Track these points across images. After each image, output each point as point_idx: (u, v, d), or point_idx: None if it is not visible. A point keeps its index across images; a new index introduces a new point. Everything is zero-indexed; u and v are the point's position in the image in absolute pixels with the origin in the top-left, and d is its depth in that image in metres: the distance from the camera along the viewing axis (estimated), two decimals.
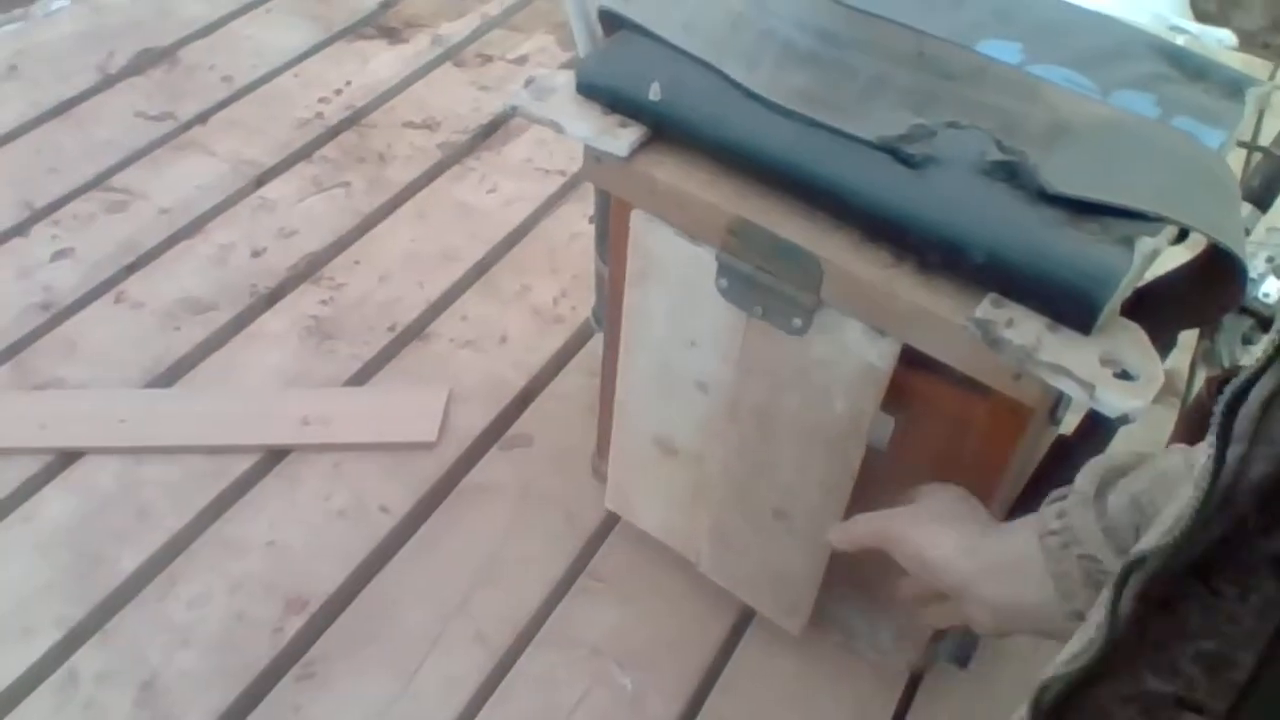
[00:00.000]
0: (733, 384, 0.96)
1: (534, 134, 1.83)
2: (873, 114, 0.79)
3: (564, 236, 1.66)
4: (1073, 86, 0.86)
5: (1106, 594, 0.42)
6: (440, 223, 1.67)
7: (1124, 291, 0.74)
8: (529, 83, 0.91)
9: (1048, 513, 0.72)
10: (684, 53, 0.85)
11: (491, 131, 1.84)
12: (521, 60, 2.00)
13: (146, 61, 1.91)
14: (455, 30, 2.07)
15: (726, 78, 0.83)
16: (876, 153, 0.78)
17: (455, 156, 1.79)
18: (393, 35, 2.06)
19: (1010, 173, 0.77)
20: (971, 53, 0.84)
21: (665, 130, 0.86)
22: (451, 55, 2.02)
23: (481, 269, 1.60)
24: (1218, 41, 2.47)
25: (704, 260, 0.88)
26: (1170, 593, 0.41)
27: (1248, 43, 3.48)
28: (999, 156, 0.77)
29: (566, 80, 0.90)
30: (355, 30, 2.04)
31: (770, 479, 1.01)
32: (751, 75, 0.82)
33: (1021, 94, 0.81)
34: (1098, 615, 0.43)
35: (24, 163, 1.70)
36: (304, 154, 1.76)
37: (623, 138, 0.86)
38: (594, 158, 0.89)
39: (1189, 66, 0.91)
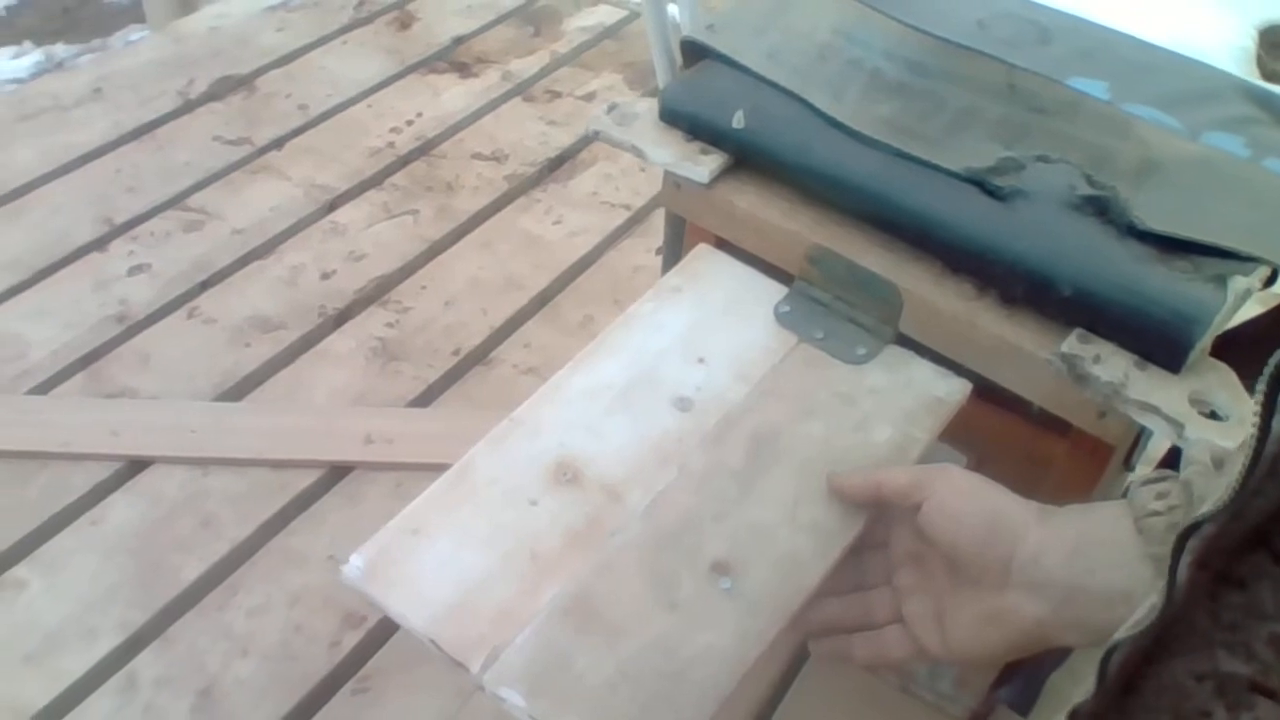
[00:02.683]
0: (737, 404, 0.79)
1: (599, 168, 1.85)
2: (961, 146, 0.79)
3: (627, 269, 1.67)
4: (1159, 123, 0.85)
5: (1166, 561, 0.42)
6: (505, 252, 1.69)
7: (1215, 330, 0.73)
8: (611, 108, 0.92)
9: (1142, 494, 0.61)
10: (768, 81, 0.86)
11: (558, 165, 1.87)
12: (589, 96, 2.03)
13: (225, 88, 1.97)
14: (525, 66, 2.10)
15: (811, 106, 0.83)
16: (963, 184, 0.78)
17: (522, 188, 1.81)
18: (464, 70, 2.11)
19: (1100, 208, 0.77)
20: (1063, 87, 0.84)
21: (747, 158, 0.87)
22: (521, 90, 2.05)
23: (545, 298, 1.62)
24: None
25: (768, 287, 0.86)
26: (1235, 566, 0.40)
27: None
28: (1089, 191, 0.77)
29: (648, 107, 0.92)
30: (428, 64, 2.08)
31: (735, 519, 0.71)
32: (837, 104, 0.82)
33: (1112, 130, 0.81)
34: (1160, 581, 0.42)
35: (105, 181, 1.75)
36: (375, 181, 1.79)
37: (704, 164, 0.87)
38: (673, 184, 0.90)
39: (1278, 110, 0.90)
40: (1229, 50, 3.68)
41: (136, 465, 1.32)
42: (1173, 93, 0.90)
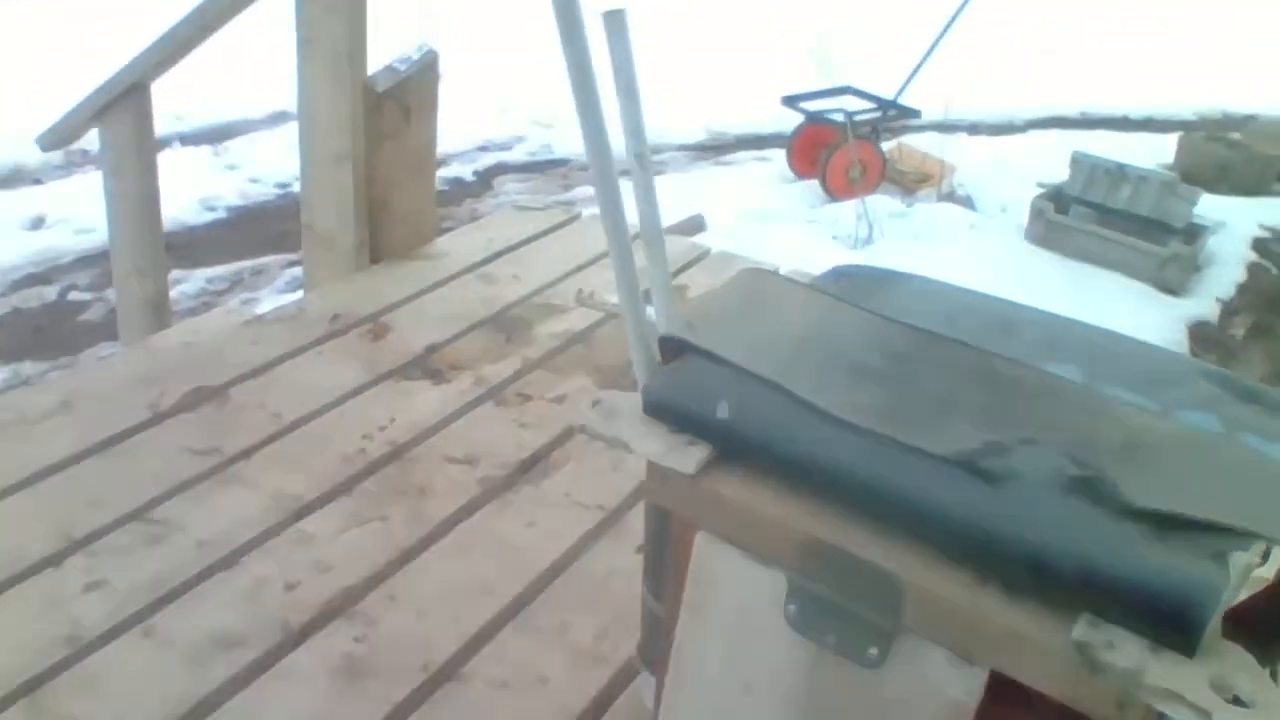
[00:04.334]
0: None
1: (571, 469, 1.85)
2: (946, 430, 0.80)
3: (603, 572, 1.63)
4: (1135, 404, 0.87)
5: None
6: (479, 557, 1.64)
7: (1223, 609, 0.70)
8: (595, 404, 0.93)
9: None
10: (750, 373, 0.88)
11: (531, 466, 1.86)
12: (560, 399, 2.07)
13: (197, 399, 1.98)
14: (497, 371, 2.15)
15: (794, 396, 0.84)
16: (952, 468, 0.78)
17: (495, 490, 1.80)
18: (437, 376, 2.15)
19: (1091, 488, 0.76)
20: (1040, 371, 0.86)
21: (733, 448, 0.87)
22: (493, 395, 2.09)
23: (520, 604, 1.56)
24: None
25: (772, 584, 0.85)
26: None
27: None
28: (1077, 472, 0.77)
29: (632, 402, 0.92)
30: (401, 372, 2.13)
31: None
32: (820, 394, 0.83)
33: (1091, 411, 0.82)
34: None
35: (66, 494, 1.71)
36: (345, 488, 1.77)
37: (691, 455, 0.86)
38: (659, 476, 0.89)
39: (1238, 389, 0.92)
40: (1164, 345, 3.87)
41: None
42: (1140, 374, 0.92)
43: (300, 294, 2.74)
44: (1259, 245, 4.70)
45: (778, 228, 4.58)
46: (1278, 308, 4.40)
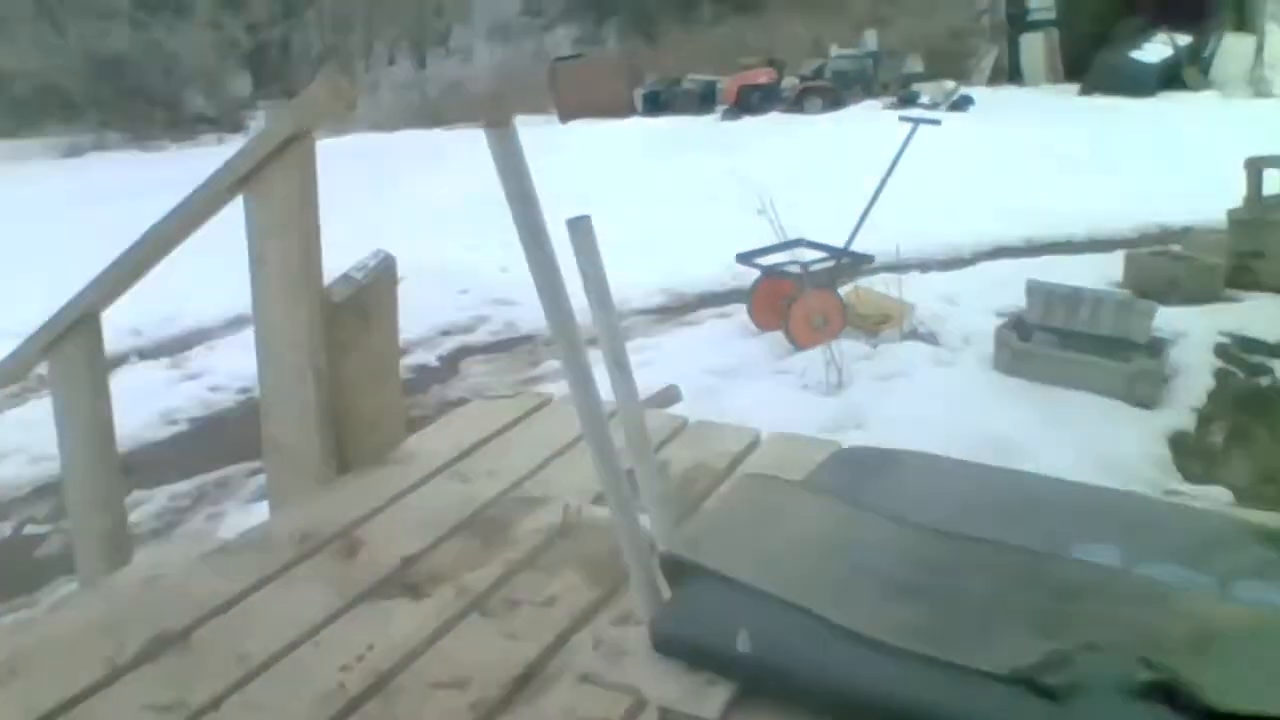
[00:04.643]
0: None
1: (572, 680, 1.72)
2: (996, 643, 0.71)
3: None
4: (1191, 584, 0.79)
5: None
6: None
7: None
8: (597, 645, 0.83)
9: None
10: (766, 595, 0.79)
11: (526, 683, 1.73)
12: (550, 601, 1.94)
13: (159, 647, 1.84)
14: (479, 579, 2.03)
15: (820, 618, 0.75)
16: (1010, 687, 0.69)
17: (489, 716, 1.66)
18: (415, 591, 2.03)
19: (1168, 694, 0.67)
20: (1085, 564, 0.78)
21: (759, 683, 0.77)
22: (478, 605, 1.96)
23: None
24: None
25: None
26: None
27: (1240, 497, 3.54)
28: (1150, 676, 0.68)
29: (638, 638, 0.83)
30: (377, 591, 2.00)
31: None
32: (849, 613, 0.74)
33: (1150, 603, 0.74)
34: None
35: None
36: None
37: (713, 698, 0.76)
38: None
39: None
40: (1149, 459, 3.83)
41: None
42: (1185, 546, 0.84)
43: (266, 504, 2.63)
44: (1221, 351, 4.74)
45: (748, 382, 4.56)
46: (1252, 411, 4.40)
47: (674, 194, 8.11)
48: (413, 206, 8.04)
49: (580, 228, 0.87)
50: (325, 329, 2.32)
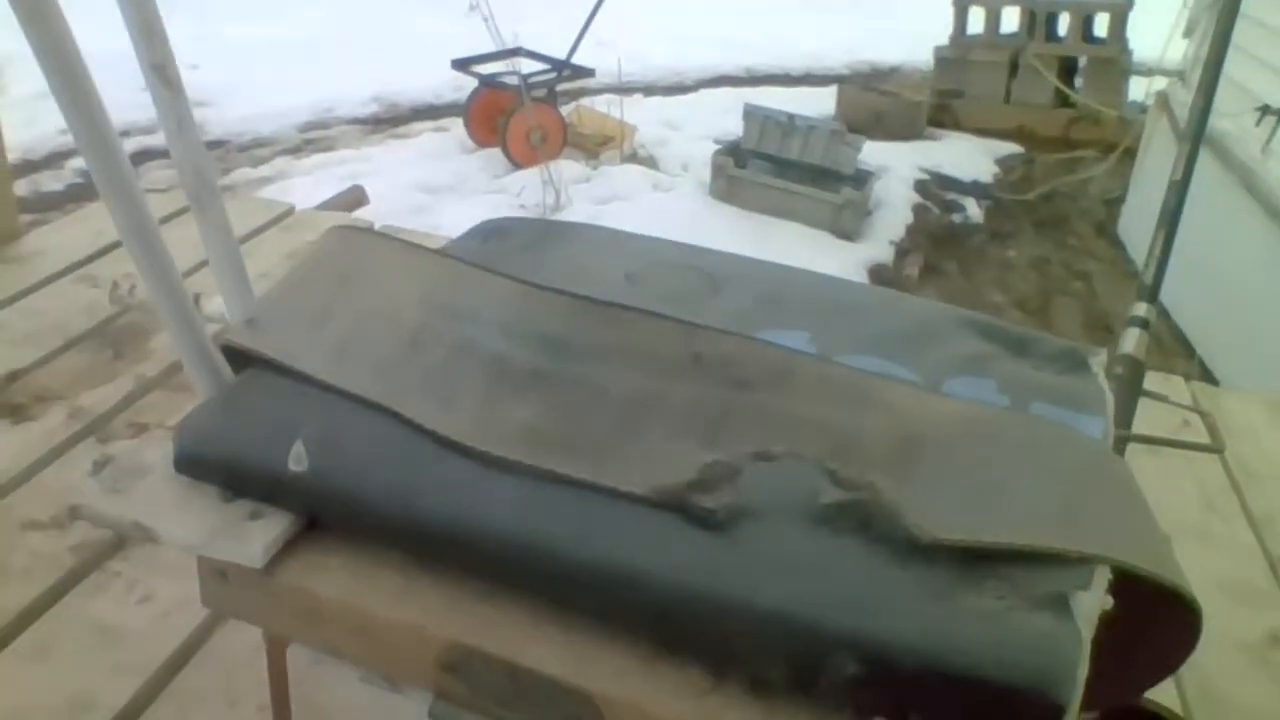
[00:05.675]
0: None
1: None
2: (641, 452, 0.52)
3: (246, 651, 1.25)
4: (895, 377, 0.63)
5: None
6: (69, 658, 1.22)
7: (1082, 685, 0.47)
8: (100, 465, 0.58)
9: None
10: (339, 391, 0.56)
11: None
12: None
13: None
14: (101, 399, 1.69)
15: (409, 422, 0.54)
16: (656, 512, 0.50)
17: (94, 561, 1.37)
18: (18, 413, 1.67)
19: (860, 518, 0.51)
20: (764, 345, 0.60)
21: (322, 516, 0.55)
22: (95, 429, 1.63)
23: (128, 718, 1.16)
24: None
25: (409, 717, 0.54)
26: None
27: None
28: (838, 496, 0.51)
29: (163, 456, 0.58)
30: None
31: None
32: (448, 415, 0.53)
33: (845, 398, 0.57)
34: None
35: None
36: None
37: (255, 538, 0.53)
38: (215, 573, 0.56)
39: (1006, 339, 0.71)
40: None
41: None
42: (887, 333, 0.69)
43: None
44: (920, 187, 4.93)
45: (460, 200, 4.28)
46: (945, 247, 4.62)
47: None
48: None
49: None
50: None
